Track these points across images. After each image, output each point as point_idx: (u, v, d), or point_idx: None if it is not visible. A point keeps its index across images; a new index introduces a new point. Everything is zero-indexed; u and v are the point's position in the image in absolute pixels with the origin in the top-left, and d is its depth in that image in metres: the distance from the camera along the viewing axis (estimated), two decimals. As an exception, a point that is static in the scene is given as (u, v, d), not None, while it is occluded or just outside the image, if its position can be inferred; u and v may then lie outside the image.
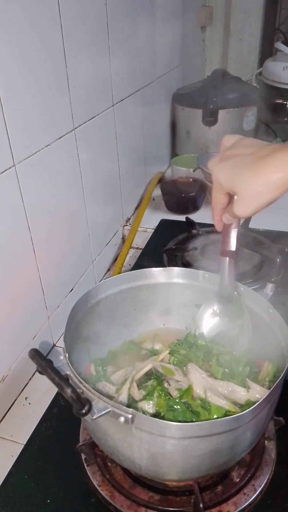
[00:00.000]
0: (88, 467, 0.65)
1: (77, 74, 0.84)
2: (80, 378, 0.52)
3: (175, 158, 1.52)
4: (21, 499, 0.63)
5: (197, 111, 1.49)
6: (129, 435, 0.50)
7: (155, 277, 0.73)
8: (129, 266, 1.17)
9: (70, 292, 0.96)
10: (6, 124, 0.66)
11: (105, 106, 1.02)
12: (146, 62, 1.26)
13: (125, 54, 1.10)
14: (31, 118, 0.73)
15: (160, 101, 1.49)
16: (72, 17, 0.80)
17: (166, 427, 0.48)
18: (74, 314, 0.63)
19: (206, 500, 0.60)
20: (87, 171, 0.95)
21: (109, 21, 0.96)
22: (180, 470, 0.55)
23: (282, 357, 0.57)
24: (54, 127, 0.80)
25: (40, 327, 0.86)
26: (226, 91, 1.49)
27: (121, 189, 1.21)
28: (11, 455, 0.69)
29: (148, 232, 1.25)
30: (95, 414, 0.47)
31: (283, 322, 0.60)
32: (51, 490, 0.64)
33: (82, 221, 0.99)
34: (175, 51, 1.56)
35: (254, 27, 1.90)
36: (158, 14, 1.29)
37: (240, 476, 0.63)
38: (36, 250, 0.79)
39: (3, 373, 0.76)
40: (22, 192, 0.72)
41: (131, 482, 0.63)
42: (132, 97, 1.17)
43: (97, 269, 1.10)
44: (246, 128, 1.53)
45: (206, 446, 0.50)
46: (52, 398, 0.77)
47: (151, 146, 1.42)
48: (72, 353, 0.60)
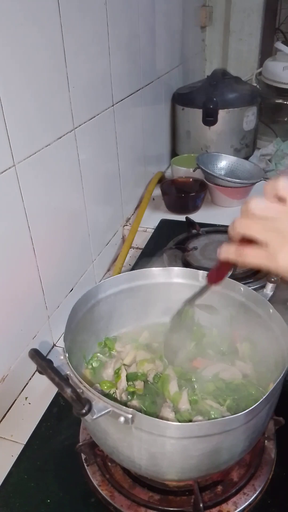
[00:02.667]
0: (88, 467, 0.65)
1: (77, 74, 0.84)
2: (80, 378, 0.52)
3: (175, 158, 1.52)
4: (21, 499, 0.63)
5: (197, 111, 1.49)
6: (129, 435, 0.50)
7: (155, 277, 0.73)
8: (129, 266, 1.17)
9: (70, 292, 0.96)
10: (6, 124, 0.66)
11: (105, 106, 1.02)
12: (146, 62, 1.26)
13: (125, 54, 1.10)
14: (31, 118, 0.73)
15: (160, 101, 1.49)
16: (72, 17, 0.80)
17: (166, 427, 0.48)
18: (74, 314, 0.63)
19: (206, 500, 0.60)
20: (87, 171, 0.95)
21: (109, 21, 0.96)
22: (180, 470, 0.55)
23: (282, 357, 0.57)
24: (54, 127, 0.80)
25: (40, 327, 0.86)
26: (226, 91, 1.49)
27: (121, 189, 1.21)
28: (11, 455, 0.69)
29: (148, 232, 1.25)
30: (95, 414, 0.47)
31: (283, 322, 0.60)
32: (51, 490, 0.64)
33: (82, 221, 0.99)
34: (175, 51, 1.56)
35: (254, 27, 1.90)
36: (158, 14, 1.29)
37: (240, 476, 0.63)
38: (36, 250, 0.79)
39: (3, 373, 0.76)
40: (22, 192, 0.72)
41: (131, 482, 0.63)
42: (132, 97, 1.17)
43: (97, 269, 1.10)
44: (246, 128, 1.53)
45: (206, 446, 0.50)
46: (52, 398, 0.77)
47: (151, 146, 1.42)
48: (72, 353, 0.60)
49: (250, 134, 1.57)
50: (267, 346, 0.64)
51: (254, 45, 1.95)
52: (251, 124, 1.54)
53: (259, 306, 0.66)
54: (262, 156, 1.58)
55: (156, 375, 0.65)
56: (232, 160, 1.39)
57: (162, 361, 0.68)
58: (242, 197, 1.34)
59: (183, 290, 0.73)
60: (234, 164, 1.39)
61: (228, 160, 1.40)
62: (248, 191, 1.32)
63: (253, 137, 1.60)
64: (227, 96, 1.48)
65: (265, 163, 1.54)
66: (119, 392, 0.63)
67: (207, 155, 1.39)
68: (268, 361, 0.64)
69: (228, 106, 1.47)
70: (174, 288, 0.74)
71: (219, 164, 1.39)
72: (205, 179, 1.34)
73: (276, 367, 0.60)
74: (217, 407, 0.60)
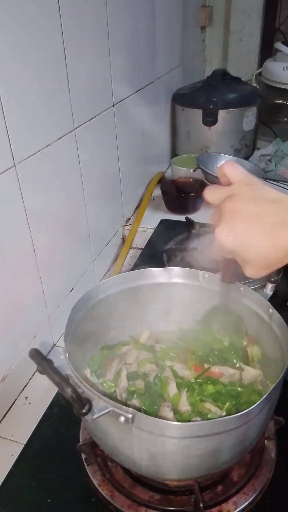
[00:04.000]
0: (88, 467, 0.65)
1: (77, 74, 0.84)
2: (80, 378, 0.52)
3: (175, 158, 1.52)
4: (21, 499, 0.63)
5: (197, 111, 1.49)
6: (129, 434, 0.50)
7: (155, 277, 0.73)
8: (129, 266, 1.17)
9: (70, 292, 0.96)
10: (6, 124, 0.66)
11: (105, 106, 1.02)
12: (146, 62, 1.26)
13: (125, 54, 1.10)
14: (31, 118, 0.73)
15: (160, 101, 1.49)
16: (72, 17, 0.80)
17: (166, 426, 0.48)
18: (74, 314, 0.63)
19: (206, 500, 0.60)
20: (87, 171, 0.95)
21: (109, 21, 0.96)
22: (180, 470, 0.55)
23: (282, 357, 0.57)
24: (54, 127, 0.80)
25: (41, 327, 0.86)
26: (226, 91, 1.49)
27: (121, 189, 1.21)
28: (11, 455, 0.69)
29: (148, 232, 1.25)
30: (95, 414, 0.47)
31: (283, 322, 0.60)
32: (51, 490, 0.64)
33: (82, 221, 0.99)
34: (175, 51, 1.56)
35: (254, 27, 1.90)
36: (158, 14, 1.29)
37: (240, 476, 0.63)
38: (36, 250, 0.79)
39: (3, 373, 0.76)
40: (22, 192, 0.72)
41: (131, 481, 0.63)
42: (132, 97, 1.17)
43: (97, 269, 1.10)
44: (246, 128, 1.53)
45: (206, 445, 0.50)
46: (52, 398, 0.77)
47: (151, 146, 1.42)
48: (72, 353, 0.60)
49: (250, 134, 1.57)
50: (267, 346, 0.64)
51: (254, 45, 1.95)
52: (251, 125, 1.54)
53: (259, 306, 0.66)
54: (262, 156, 1.58)
55: (157, 375, 0.65)
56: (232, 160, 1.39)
57: (161, 362, 0.68)
58: (242, 197, 1.34)
59: (183, 290, 0.74)
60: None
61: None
62: (248, 191, 1.32)
63: (253, 137, 1.60)
64: (227, 96, 1.48)
65: (265, 163, 1.54)
66: (119, 391, 0.63)
67: (207, 155, 1.38)
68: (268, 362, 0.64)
69: (228, 107, 1.47)
70: (174, 288, 0.74)
71: (219, 164, 1.39)
72: (205, 179, 1.33)
73: (276, 367, 0.61)
74: (216, 410, 0.60)
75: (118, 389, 0.64)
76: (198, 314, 0.73)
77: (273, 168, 1.51)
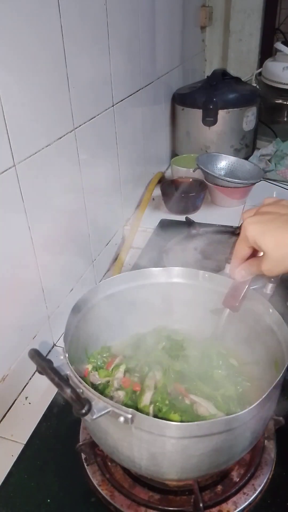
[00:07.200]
0: (88, 467, 0.65)
1: (77, 74, 0.84)
2: (80, 378, 0.52)
3: (175, 158, 1.52)
4: (21, 499, 0.63)
5: (197, 111, 1.49)
6: (129, 434, 0.50)
7: (155, 277, 0.73)
8: (129, 266, 1.17)
9: (70, 292, 0.96)
10: (6, 124, 0.66)
11: (105, 106, 1.02)
12: (146, 62, 1.26)
13: (125, 54, 1.10)
14: (31, 118, 0.73)
15: (160, 101, 1.49)
16: (72, 17, 0.80)
17: (166, 427, 0.48)
18: (74, 314, 0.63)
19: (206, 500, 0.60)
20: (87, 171, 0.95)
21: (109, 21, 0.96)
22: (180, 470, 0.55)
23: (282, 357, 0.57)
24: (54, 127, 0.80)
25: (40, 327, 0.86)
26: (226, 91, 1.49)
27: (121, 189, 1.21)
28: (11, 454, 0.69)
29: (148, 232, 1.25)
30: (95, 414, 0.47)
31: (283, 322, 0.60)
32: (51, 490, 0.64)
33: (82, 221, 0.99)
34: (175, 51, 1.56)
35: (254, 27, 1.91)
36: (158, 14, 1.29)
37: (240, 476, 0.63)
38: (36, 250, 0.79)
39: (3, 373, 0.76)
40: (22, 192, 0.72)
41: (131, 481, 0.63)
42: (132, 97, 1.17)
43: (97, 269, 1.10)
44: (246, 128, 1.53)
45: (206, 445, 0.50)
46: (52, 398, 0.77)
47: (151, 146, 1.42)
48: (72, 353, 0.60)
49: (250, 134, 1.57)
50: (267, 346, 0.64)
51: (254, 45, 1.95)
52: (251, 124, 1.54)
53: (259, 306, 0.66)
54: (262, 156, 1.58)
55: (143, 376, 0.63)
56: (232, 160, 1.39)
57: (149, 367, 0.65)
58: (241, 197, 1.34)
59: (183, 290, 0.74)
60: (234, 164, 1.39)
61: (228, 160, 1.40)
62: (247, 191, 1.32)
63: (252, 137, 1.60)
64: (227, 96, 1.48)
65: (265, 163, 1.54)
66: (113, 381, 0.63)
67: (207, 155, 1.38)
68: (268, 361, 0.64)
69: (228, 107, 1.47)
70: (174, 288, 0.74)
71: (219, 164, 1.39)
72: (205, 179, 1.34)
73: (276, 367, 0.61)
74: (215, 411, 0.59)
75: (113, 378, 0.63)
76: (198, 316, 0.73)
77: (273, 168, 1.51)
